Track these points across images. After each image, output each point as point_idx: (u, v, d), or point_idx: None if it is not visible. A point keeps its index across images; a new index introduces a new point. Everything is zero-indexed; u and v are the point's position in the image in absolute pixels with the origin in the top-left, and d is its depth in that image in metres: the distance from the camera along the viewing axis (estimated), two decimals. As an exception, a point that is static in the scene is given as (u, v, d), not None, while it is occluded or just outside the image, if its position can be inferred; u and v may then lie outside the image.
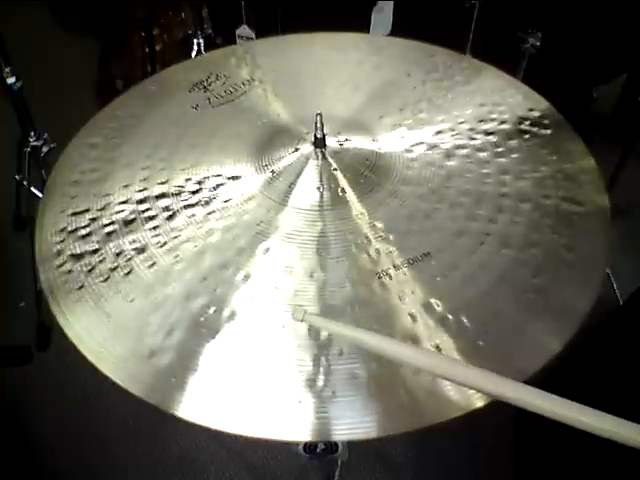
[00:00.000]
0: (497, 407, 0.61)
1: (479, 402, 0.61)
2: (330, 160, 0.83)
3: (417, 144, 0.86)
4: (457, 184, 0.81)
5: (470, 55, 1.61)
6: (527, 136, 0.88)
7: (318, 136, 0.82)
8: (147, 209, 0.79)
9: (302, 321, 0.62)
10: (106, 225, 0.78)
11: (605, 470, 1.15)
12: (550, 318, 0.68)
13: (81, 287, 0.72)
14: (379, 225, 0.76)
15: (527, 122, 0.89)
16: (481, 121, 0.89)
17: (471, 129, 0.88)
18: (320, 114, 0.79)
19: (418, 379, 0.62)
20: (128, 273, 0.73)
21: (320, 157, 0.83)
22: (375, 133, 0.88)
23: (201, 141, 0.88)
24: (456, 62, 1.01)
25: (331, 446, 0.85)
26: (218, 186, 0.81)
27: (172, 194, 0.81)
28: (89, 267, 0.74)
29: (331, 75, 0.99)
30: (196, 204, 0.79)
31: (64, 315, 0.70)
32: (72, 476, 1.45)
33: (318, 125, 0.80)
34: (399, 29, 1.63)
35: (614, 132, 1.82)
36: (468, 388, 0.57)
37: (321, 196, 0.79)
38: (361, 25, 1.59)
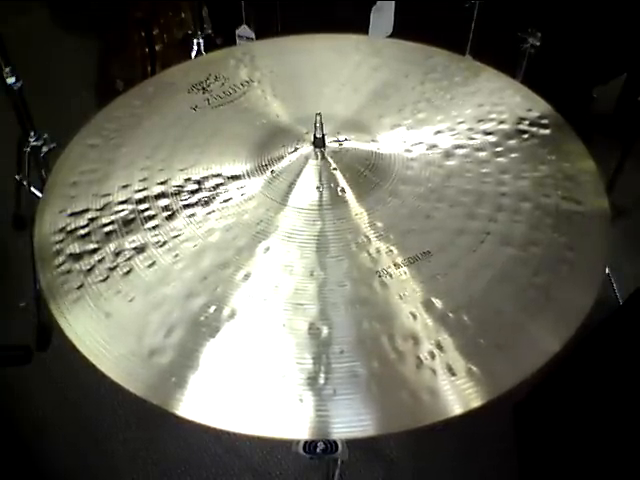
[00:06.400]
0: (497, 407, 0.61)
1: (478, 401, 0.61)
2: (329, 160, 0.83)
3: (416, 144, 0.86)
4: (457, 183, 0.81)
5: (470, 55, 1.62)
6: (526, 136, 0.88)
7: (317, 136, 0.82)
8: (147, 209, 0.79)
9: None
10: (105, 225, 0.78)
11: (606, 470, 1.15)
12: (550, 318, 0.68)
13: (80, 287, 0.72)
14: (379, 224, 0.76)
15: (526, 122, 0.89)
16: (480, 121, 0.90)
17: (470, 129, 0.88)
18: (319, 114, 0.79)
19: (419, 378, 0.63)
20: (128, 273, 0.73)
21: (320, 157, 0.83)
22: (374, 133, 0.88)
23: (200, 141, 0.88)
24: (455, 63, 1.01)
25: (331, 446, 0.85)
26: (218, 186, 0.81)
27: (172, 194, 0.81)
28: (88, 267, 0.74)
29: (330, 76, 0.99)
30: (196, 204, 0.79)
31: (64, 315, 0.70)
32: (72, 476, 1.45)
33: (317, 125, 0.80)
34: (399, 29, 1.63)
35: (614, 132, 1.82)
36: None
37: (321, 196, 0.79)
38: (362, 25, 1.60)
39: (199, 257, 0.74)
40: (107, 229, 0.77)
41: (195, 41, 1.86)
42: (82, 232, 0.78)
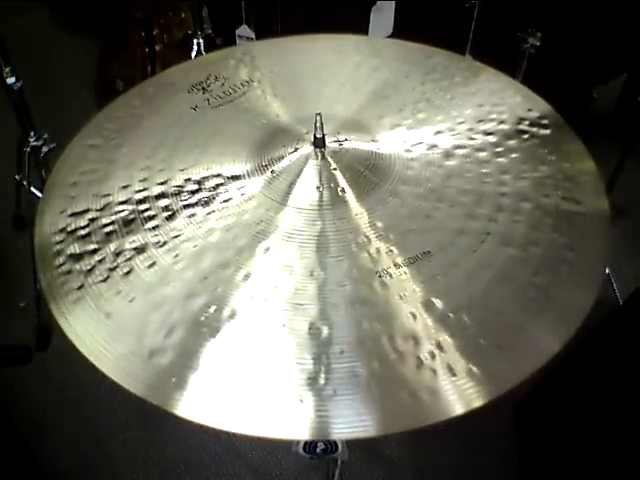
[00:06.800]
0: (497, 407, 0.61)
1: (478, 401, 0.61)
2: (330, 160, 0.83)
3: (416, 144, 0.86)
4: (457, 184, 0.81)
5: (470, 55, 1.62)
6: (526, 136, 0.88)
7: (318, 136, 0.82)
8: (147, 209, 0.79)
9: None
10: (106, 225, 0.78)
11: (605, 470, 1.15)
12: (550, 318, 0.68)
13: (81, 287, 0.72)
14: (379, 224, 0.76)
15: (526, 122, 0.89)
16: (480, 121, 0.90)
17: (470, 129, 0.88)
18: (320, 114, 0.79)
19: (419, 378, 0.62)
20: (128, 273, 0.73)
21: (320, 157, 0.83)
22: (374, 133, 0.88)
23: (200, 142, 0.88)
24: (455, 63, 1.01)
25: (331, 446, 0.85)
26: (218, 186, 0.81)
27: (172, 194, 0.81)
28: (89, 267, 0.74)
29: (330, 76, 0.99)
30: (196, 204, 0.79)
31: (64, 315, 0.70)
32: (72, 476, 1.45)
33: (317, 125, 0.80)
34: (399, 29, 1.63)
35: (614, 132, 1.82)
36: None
37: (321, 196, 0.79)
38: (362, 25, 1.60)
39: (199, 257, 0.74)
40: (107, 229, 0.77)
41: (195, 41, 1.86)
42: (82, 232, 0.78)
